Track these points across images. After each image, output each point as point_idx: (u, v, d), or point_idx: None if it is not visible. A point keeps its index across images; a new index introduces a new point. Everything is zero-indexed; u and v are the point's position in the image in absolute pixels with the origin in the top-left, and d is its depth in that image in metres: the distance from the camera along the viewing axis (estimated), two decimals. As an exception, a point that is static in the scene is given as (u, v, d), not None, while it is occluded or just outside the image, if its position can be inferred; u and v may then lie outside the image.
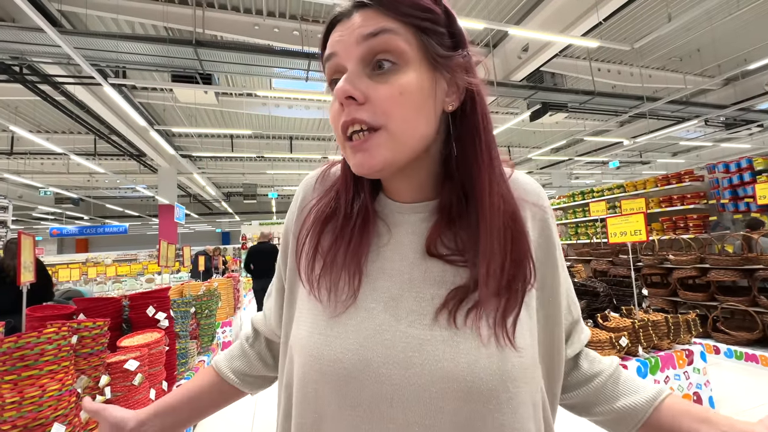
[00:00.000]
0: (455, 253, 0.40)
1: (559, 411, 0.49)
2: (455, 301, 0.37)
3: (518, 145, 12.96)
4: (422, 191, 0.44)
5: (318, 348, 0.37)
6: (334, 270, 0.41)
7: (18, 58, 5.24)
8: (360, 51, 0.36)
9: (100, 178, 12.43)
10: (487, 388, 0.34)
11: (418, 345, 0.36)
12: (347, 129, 0.38)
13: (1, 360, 1.19)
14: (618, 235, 2.66)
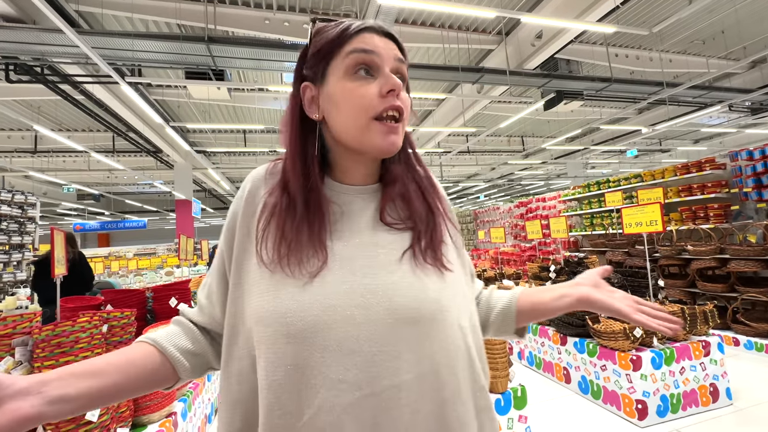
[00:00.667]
0: (397, 221, 0.52)
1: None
2: (399, 252, 0.49)
3: (532, 134, 12.72)
4: (370, 176, 0.56)
5: (290, 310, 0.43)
6: (301, 248, 0.47)
7: (39, 59, 5.41)
8: (394, 64, 0.50)
9: (119, 174, 12.78)
10: (433, 310, 0.46)
11: (373, 289, 0.45)
12: (387, 112, 0.49)
13: (41, 347, 1.27)
14: (633, 225, 2.63)
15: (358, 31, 0.50)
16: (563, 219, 3.53)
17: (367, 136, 0.49)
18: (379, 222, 0.52)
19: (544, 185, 22.11)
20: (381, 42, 0.50)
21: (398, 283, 0.46)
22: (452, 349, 0.46)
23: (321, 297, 0.43)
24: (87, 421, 1.29)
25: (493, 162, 14.32)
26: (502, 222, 10.33)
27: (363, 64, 0.49)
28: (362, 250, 0.48)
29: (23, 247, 4.15)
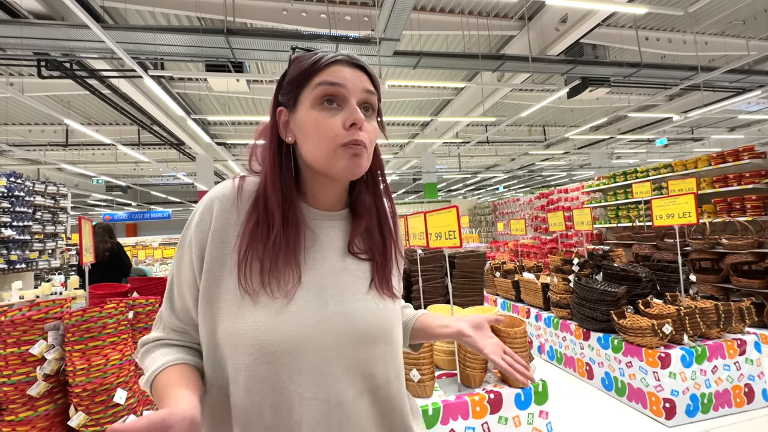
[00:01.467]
0: (361, 251, 0.58)
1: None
2: (363, 281, 0.56)
3: (554, 124, 12.32)
4: (338, 202, 0.59)
5: (268, 335, 0.47)
6: (279, 271, 0.50)
7: (68, 54, 5.61)
8: (361, 96, 0.53)
9: (145, 166, 13.21)
10: (385, 334, 0.54)
11: (342, 317, 0.51)
12: (350, 144, 0.51)
13: (71, 331, 1.32)
14: (664, 217, 2.50)
15: (329, 63, 0.52)
16: (588, 211, 3.40)
17: (333, 161, 0.52)
18: (346, 251, 0.57)
19: (566, 176, 21.48)
20: (350, 74, 0.52)
21: (364, 310, 0.53)
22: (398, 362, 0.57)
23: (297, 325, 0.49)
24: (115, 404, 1.34)
25: (513, 152, 13.99)
26: (522, 214, 10.12)
27: (329, 95, 0.52)
28: (332, 277, 0.54)
29: (56, 236, 4.37)
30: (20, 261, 3.85)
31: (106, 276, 3.30)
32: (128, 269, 3.67)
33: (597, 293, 2.57)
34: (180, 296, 0.54)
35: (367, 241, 0.59)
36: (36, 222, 4.08)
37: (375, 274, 0.57)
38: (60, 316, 1.37)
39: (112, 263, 3.53)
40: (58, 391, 1.34)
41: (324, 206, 0.58)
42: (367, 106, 0.54)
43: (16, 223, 3.78)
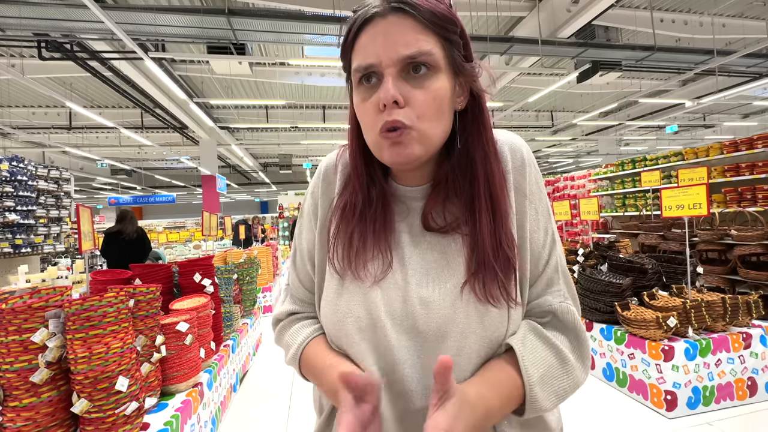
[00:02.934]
0: (447, 226, 0.48)
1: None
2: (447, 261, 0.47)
3: (562, 109, 12.06)
4: (425, 176, 0.51)
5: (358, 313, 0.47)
6: (366, 252, 0.48)
7: (68, 35, 5.50)
8: (401, 63, 0.42)
9: (149, 150, 13.17)
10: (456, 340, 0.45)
11: (424, 303, 0.46)
12: (387, 127, 0.43)
13: (72, 320, 1.32)
14: (673, 208, 2.44)
15: (357, 33, 0.44)
16: (595, 200, 3.34)
17: (379, 152, 0.46)
18: (424, 228, 0.50)
19: (572, 163, 21.19)
20: (382, 35, 0.42)
21: (440, 303, 0.46)
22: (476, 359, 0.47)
23: (383, 304, 0.47)
24: (117, 391, 1.35)
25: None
26: (527, 201, 10.03)
27: (365, 71, 0.44)
28: (416, 256, 0.49)
29: (61, 221, 4.39)
30: (25, 245, 3.88)
31: (131, 258, 3.83)
32: (148, 251, 4.07)
33: (601, 284, 2.55)
34: (303, 266, 0.57)
35: (452, 213, 0.49)
36: (40, 206, 4.09)
37: (468, 255, 0.46)
38: (60, 305, 1.36)
39: (137, 244, 3.98)
40: (60, 378, 1.35)
41: (407, 182, 0.52)
42: (416, 65, 0.42)
43: (20, 207, 3.79)
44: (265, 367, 3.18)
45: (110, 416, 1.33)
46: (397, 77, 0.42)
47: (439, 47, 0.43)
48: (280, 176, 19.52)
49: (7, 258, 3.92)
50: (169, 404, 1.68)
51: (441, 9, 0.42)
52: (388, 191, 0.51)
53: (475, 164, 0.47)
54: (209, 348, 2.11)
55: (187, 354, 1.82)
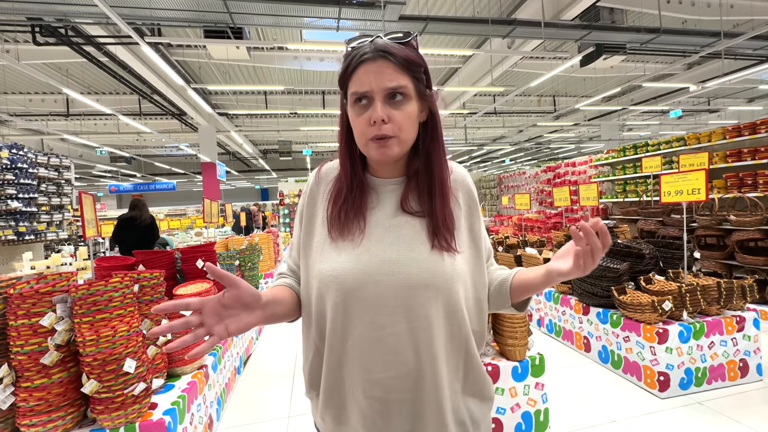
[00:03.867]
0: (416, 210, 0.68)
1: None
2: (417, 234, 0.66)
3: (564, 94, 11.89)
4: (398, 171, 0.71)
5: (338, 273, 0.63)
6: (348, 222, 0.66)
7: (62, 19, 5.40)
8: (385, 93, 0.61)
9: (148, 137, 13.09)
10: (436, 282, 0.62)
11: (396, 261, 0.63)
12: (375, 136, 0.62)
13: (78, 304, 1.35)
14: (672, 194, 2.45)
15: (356, 66, 0.62)
16: (594, 186, 3.34)
17: (367, 151, 0.65)
18: (400, 209, 0.68)
19: (574, 149, 21.03)
20: (376, 72, 0.60)
21: (415, 259, 0.63)
22: (450, 309, 0.63)
23: (361, 266, 0.63)
24: (125, 372, 1.39)
25: (521, 124, 13.63)
26: (528, 187, 10.01)
27: (360, 97, 0.62)
28: (391, 230, 0.66)
29: (63, 208, 4.40)
30: (29, 232, 3.91)
31: (142, 244, 4.19)
32: (157, 237, 4.41)
33: (599, 269, 2.58)
34: (295, 247, 0.76)
35: (421, 201, 0.68)
36: (41, 194, 4.10)
37: (428, 229, 0.66)
38: (67, 290, 1.40)
39: (149, 230, 4.30)
40: (70, 360, 1.40)
41: (383, 175, 0.71)
42: (394, 94, 0.61)
43: (22, 195, 3.81)
44: (268, 350, 3.26)
45: (119, 396, 1.38)
46: (384, 102, 0.61)
47: (410, 82, 0.62)
48: (280, 163, 19.42)
49: (11, 245, 3.96)
50: (176, 385, 1.73)
51: (411, 56, 0.62)
52: (364, 182, 0.70)
53: (432, 159, 0.68)
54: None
55: (191, 337, 1.86)
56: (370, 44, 0.62)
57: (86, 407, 1.45)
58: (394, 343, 0.61)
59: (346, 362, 0.64)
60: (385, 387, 0.62)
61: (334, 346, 0.64)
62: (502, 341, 1.81)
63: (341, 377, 0.65)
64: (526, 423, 1.82)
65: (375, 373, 0.62)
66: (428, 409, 0.62)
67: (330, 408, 0.66)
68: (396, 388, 0.62)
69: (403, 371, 0.61)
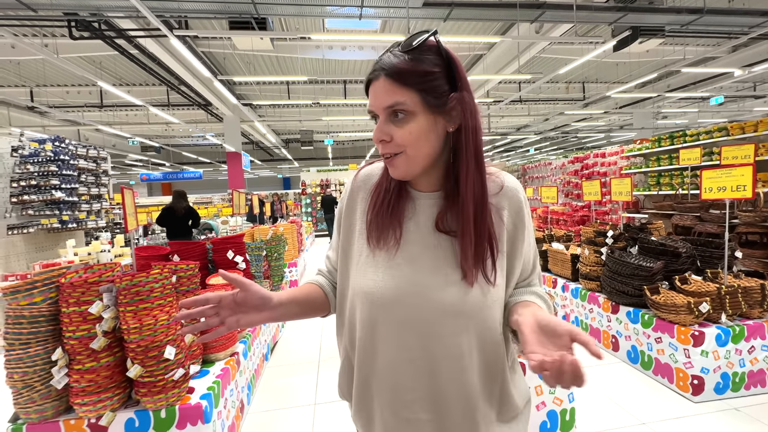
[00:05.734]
0: (452, 230, 0.63)
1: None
2: (451, 257, 0.62)
3: (595, 80, 11.35)
4: (433, 184, 0.67)
5: (371, 290, 0.63)
6: (384, 229, 0.65)
7: (96, 14, 5.60)
8: (385, 112, 0.60)
9: (175, 127, 13.48)
10: (467, 312, 0.60)
11: (427, 286, 0.61)
12: (382, 154, 0.63)
13: (123, 294, 1.44)
14: (715, 190, 2.31)
15: (368, 87, 0.62)
16: (628, 180, 3.20)
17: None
18: (436, 228, 0.64)
19: (603, 137, 20.17)
20: (379, 91, 0.59)
21: (447, 287, 0.60)
22: (484, 339, 0.62)
23: (393, 287, 0.62)
24: (165, 359, 1.47)
25: (548, 112, 13.15)
26: (554, 179, 9.72)
27: (373, 117, 0.63)
28: (425, 251, 0.63)
29: (101, 197, 4.65)
30: (71, 221, 4.15)
31: (184, 229, 4.76)
32: (198, 222, 4.97)
33: (630, 267, 2.49)
34: (333, 249, 0.78)
35: (457, 220, 0.63)
36: (81, 184, 4.33)
37: (462, 254, 0.61)
38: (112, 280, 1.48)
39: (187, 218, 4.83)
40: (116, 346, 1.49)
41: (420, 187, 0.68)
42: (396, 112, 0.59)
43: (65, 185, 4.03)
44: (293, 338, 3.36)
45: (160, 381, 1.47)
46: (386, 121, 0.60)
47: (414, 96, 0.57)
48: (302, 152, 19.62)
49: (55, 233, 4.22)
50: (210, 371, 1.82)
51: (416, 68, 0.57)
52: (402, 191, 0.68)
53: (460, 177, 0.62)
54: (243, 321, 2.24)
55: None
56: (378, 60, 0.60)
57: (131, 389, 1.55)
58: (422, 368, 0.61)
59: (374, 379, 0.64)
60: (412, 409, 0.62)
61: (363, 361, 0.65)
62: (529, 339, 1.79)
63: (370, 393, 0.66)
64: (551, 422, 1.81)
65: (403, 394, 0.62)
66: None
67: (360, 418, 0.69)
68: (424, 410, 0.61)
69: (431, 396, 0.61)
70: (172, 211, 4.81)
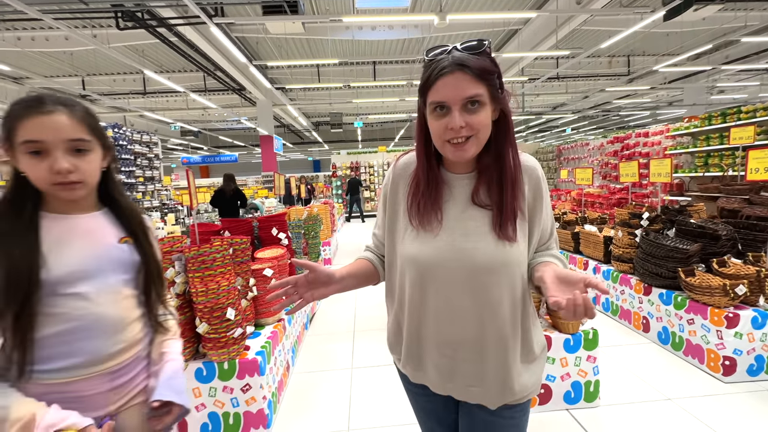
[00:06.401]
0: (485, 203, 0.76)
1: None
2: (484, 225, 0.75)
3: (642, 53, 10.57)
4: (468, 166, 0.79)
5: (417, 256, 0.77)
6: (426, 214, 0.78)
7: (139, 4, 5.91)
8: (463, 101, 0.70)
9: (212, 112, 14.04)
10: (499, 268, 0.73)
11: (464, 250, 0.74)
12: (453, 139, 0.71)
13: (191, 262, 1.66)
14: (762, 171, 2.23)
15: (436, 78, 0.69)
16: (668, 161, 3.09)
17: (443, 151, 0.75)
18: (471, 202, 0.78)
19: (649, 115, 18.86)
20: (454, 84, 0.68)
21: (481, 249, 0.74)
22: (512, 291, 0.75)
23: (436, 252, 0.76)
24: (227, 319, 1.69)
25: (587, 89, 12.46)
26: (591, 160, 9.33)
27: (438, 107, 0.71)
28: (461, 222, 0.77)
29: (153, 180, 5.06)
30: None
31: (232, 207, 5.33)
32: (245, 202, 5.55)
33: (665, 249, 2.47)
34: (379, 227, 0.91)
35: (490, 194, 0.76)
36: (137, 167, 4.73)
37: (494, 220, 0.75)
38: (181, 250, 1.71)
39: (235, 199, 5.39)
40: (186, 306, 1.73)
41: (456, 170, 0.80)
42: (473, 101, 0.69)
43: (123, 168, 4.43)
44: (328, 311, 3.60)
45: (223, 338, 1.70)
46: (461, 110, 0.69)
47: (485, 89, 0.70)
48: (332, 135, 19.84)
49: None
50: (262, 333, 2.05)
51: (486, 66, 0.69)
52: (439, 176, 0.80)
53: (503, 156, 0.76)
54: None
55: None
56: (449, 57, 0.69)
57: (198, 344, 1.80)
58: (462, 316, 0.75)
59: (423, 326, 0.80)
60: (454, 347, 0.77)
61: (413, 313, 0.80)
62: (556, 314, 1.87)
63: (419, 337, 0.81)
64: (575, 392, 1.91)
65: (446, 336, 0.77)
66: (490, 371, 0.76)
67: (411, 360, 0.84)
68: (463, 349, 0.77)
69: (473, 340, 0.76)
70: (223, 193, 5.35)
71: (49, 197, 0.75)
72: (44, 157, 0.69)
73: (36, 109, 0.69)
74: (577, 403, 1.92)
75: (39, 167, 0.69)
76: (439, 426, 0.90)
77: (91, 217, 0.79)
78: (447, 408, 0.86)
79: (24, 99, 0.71)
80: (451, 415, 0.87)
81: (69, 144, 0.71)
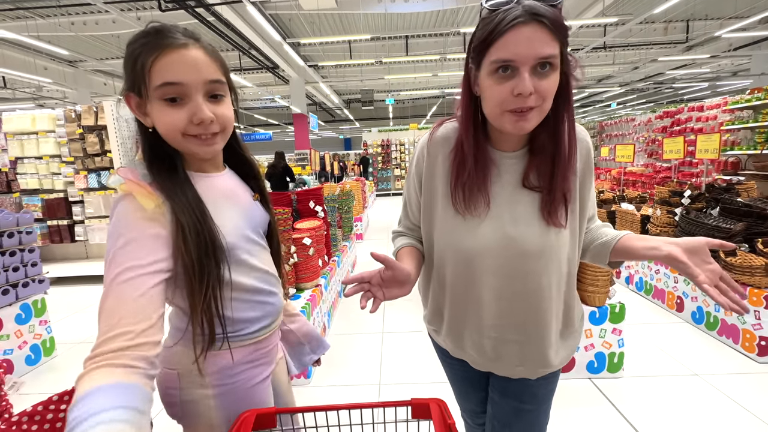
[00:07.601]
0: (536, 185, 0.69)
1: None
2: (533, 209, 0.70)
3: (704, 17, 9.55)
4: (517, 143, 0.71)
5: (464, 244, 0.72)
6: (473, 198, 0.71)
7: (180, -15, 6.12)
8: (534, 63, 0.58)
9: (247, 90, 14.40)
10: (548, 254, 0.69)
11: (513, 237, 0.69)
12: (516, 108, 0.60)
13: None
14: (822, 146, 2.07)
15: (506, 29, 0.56)
16: (716, 136, 2.91)
17: (500, 122, 0.64)
18: (521, 185, 0.71)
19: (708, 87, 17.18)
20: (527, 39, 0.56)
21: (529, 235, 0.69)
22: (559, 273, 0.72)
23: (482, 239, 0.71)
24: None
25: (637, 59, 11.51)
26: (636, 136, 8.77)
27: (502, 67, 0.59)
28: (509, 206, 0.71)
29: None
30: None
31: (281, 182, 6.09)
32: (293, 177, 6.30)
33: (705, 228, 2.39)
34: (410, 209, 0.85)
35: (540, 176, 0.69)
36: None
37: (543, 205, 0.69)
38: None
39: (285, 174, 6.20)
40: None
41: (505, 147, 0.71)
42: (544, 63, 0.57)
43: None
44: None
45: (269, 296, 1.90)
46: (531, 73, 0.58)
47: (558, 50, 0.58)
48: (363, 113, 19.80)
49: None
50: (302, 296, 2.25)
51: (562, 20, 0.57)
52: (485, 154, 0.70)
53: (561, 131, 0.66)
54: (324, 259, 2.65)
55: (310, 262, 2.35)
56: (518, 5, 0.56)
57: (247, 302, 2.02)
58: (509, 302, 0.72)
59: (467, 311, 0.77)
60: (499, 331, 0.75)
61: (455, 298, 0.77)
62: (583, 287, 1.92)
63: (462, 320, 0.78)
64: (599, 362, 1.96)
65: (492, 320, 0.74)
66: (533, 350, 0.75)
67: (451, 336, 0.82)
68: (508, 332, 0.75)
69: (516, 322, 0.74)
70: (274, 168, 6.17)
71: (185, 155, 0.64)
72: (181, 105, 0.57)
73: (170, 44, 0.56)
74: (600, 372, 1.99)
75: (176, 117, 0.57)
76: (472, 388, 0.91)
77: (226, 176, 0.71)
78: (482, 373, 0.85)
79: (146, 31, 0.58)
80: (485, 377, 0.87)
81: (208, 87, 0.59)
